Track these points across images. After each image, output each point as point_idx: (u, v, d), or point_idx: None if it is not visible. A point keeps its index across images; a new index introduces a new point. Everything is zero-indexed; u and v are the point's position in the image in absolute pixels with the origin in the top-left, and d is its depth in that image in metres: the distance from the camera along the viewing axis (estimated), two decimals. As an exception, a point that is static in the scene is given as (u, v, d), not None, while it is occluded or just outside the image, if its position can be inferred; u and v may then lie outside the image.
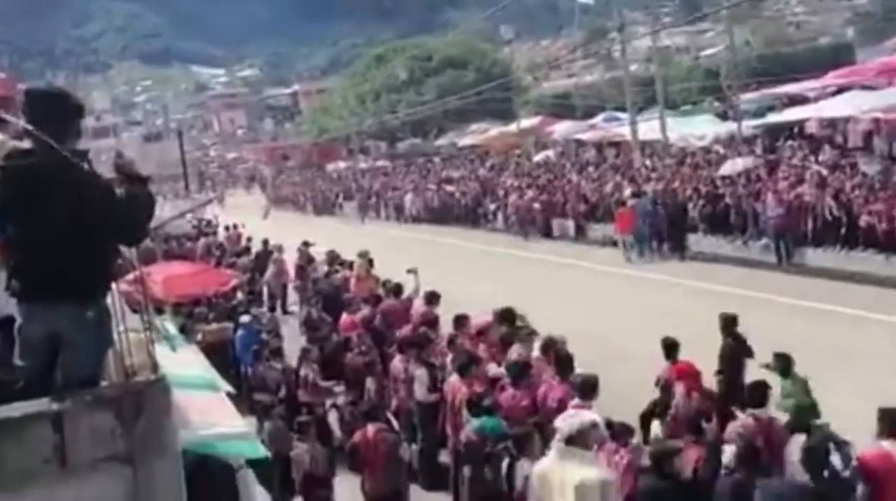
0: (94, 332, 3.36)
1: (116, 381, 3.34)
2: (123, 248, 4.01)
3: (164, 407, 3.06)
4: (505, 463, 7.71)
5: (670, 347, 9.49)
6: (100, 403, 2.95)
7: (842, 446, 6.96)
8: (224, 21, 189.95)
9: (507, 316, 11.24)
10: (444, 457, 10.88)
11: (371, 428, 9.00)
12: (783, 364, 9.05)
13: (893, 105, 23.92)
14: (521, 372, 9.25)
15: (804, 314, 15.97)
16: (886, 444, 6.63)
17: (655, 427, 7.95)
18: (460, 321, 11.58)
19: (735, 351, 10.00)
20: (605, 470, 6.68)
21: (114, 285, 3.65)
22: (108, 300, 3.61)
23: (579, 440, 6.55)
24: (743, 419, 7.86)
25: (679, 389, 8.75)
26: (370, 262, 18.03)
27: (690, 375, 9.10)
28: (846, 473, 6.85)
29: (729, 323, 10.30)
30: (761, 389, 7.88)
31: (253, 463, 7.30)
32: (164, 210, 22.42)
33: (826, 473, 6.52)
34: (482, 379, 9.61)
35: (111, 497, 2.93)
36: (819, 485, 6.16)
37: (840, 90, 27.61)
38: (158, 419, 3.03)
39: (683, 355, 9.47)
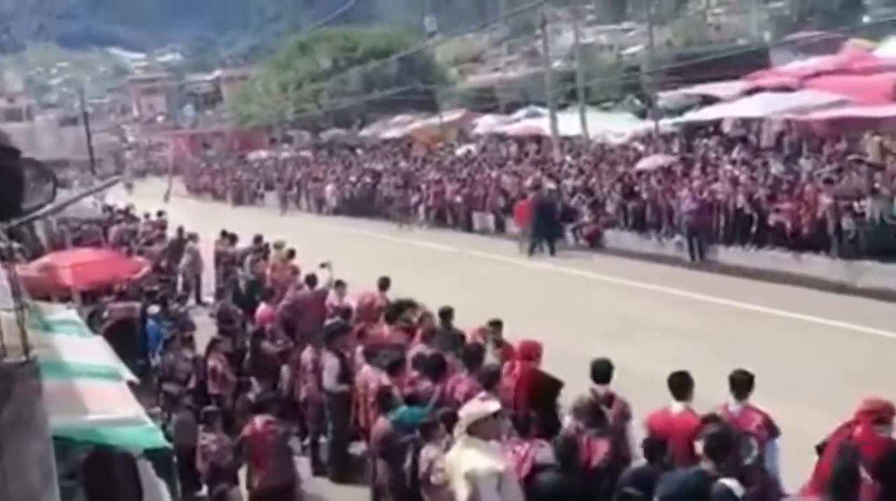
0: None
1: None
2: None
3: (34, 389, 2.95)
4: (410, 454, 7.73)
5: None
6: (-36, 385, 2.84)
7: (741, 438, 7.11)
8: (146, 4, 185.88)
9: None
10: (354, 449, 10.87)
11: (259, 421, 8.89)
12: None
13: (803, 107, 24.61)
14: (436, 368, 9.17)
15: (705, 309, 16.43)
16: (676, 406, 7.28)
17: None
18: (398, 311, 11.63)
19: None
20: (501, 461, 6.65)
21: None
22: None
23: (479, 430, 6.60)
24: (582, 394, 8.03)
25: None
26: (291, 253, 17.89)
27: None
28: (749, 460, 7.02)
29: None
30: (604, 366, 8.08)
31: (152, 454, 7.18)
32: (72, 195, 21.90)
33: (729, 460, 6.62)
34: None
35: (-24, 481, 2.82)
36: (722, 472, 6.25)
37: (753, 91, 28.32)
38: (28, 402, 2.92)
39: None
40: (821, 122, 24.80)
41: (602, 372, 8.05)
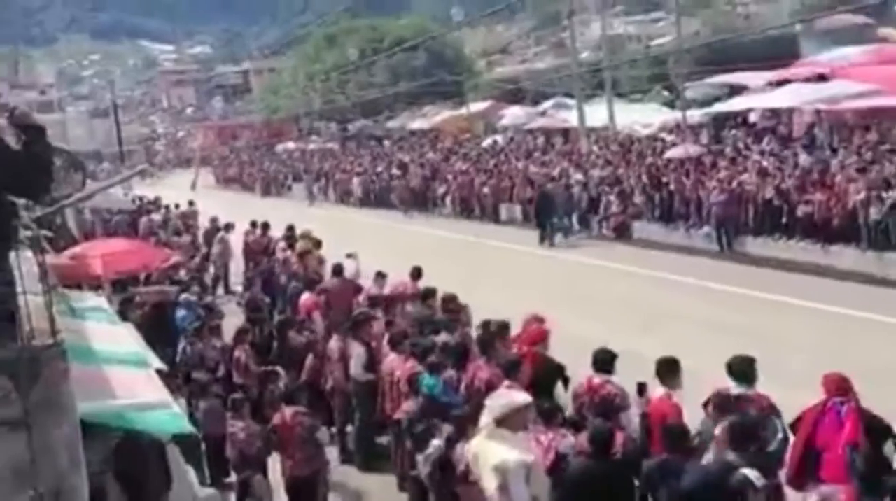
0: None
1: (13, 345, 3.27)
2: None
3: (62, 372, 3.00)
4: (442, 441, 7.74)
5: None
6: (-7, 367, 2.89)
7: (766, 420, 7.05)
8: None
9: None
10: (381, 438, 10.91)
11: (288, 411, 8.97)
12: None
13: (834, 97, 24.33)
14: (460, 356, 9.20)
15: (732, 300, 16.34)
16: (657, 391, 7.51)
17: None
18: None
19: None
20: (529, 452, 6.67)
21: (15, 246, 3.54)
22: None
23: (508, 421, 6.61)
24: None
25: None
26: (318, 243, 17.96)
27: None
28: (774, 446, 6.98)
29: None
30: (605, 355, 8.11)
31: (180, 440, 7.29)
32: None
33: (752, 448, 6.59)
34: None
35: (5, 461, 2.88)
36: (745, 462, 6.23)
37: (782, 81, 28.06)
38: (55, 384, 2.97)
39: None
40: (852, 113, 24.53)
41: (603, 360, 8.05)
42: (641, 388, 7.82)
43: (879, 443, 6.65)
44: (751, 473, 5.89)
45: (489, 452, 6.63)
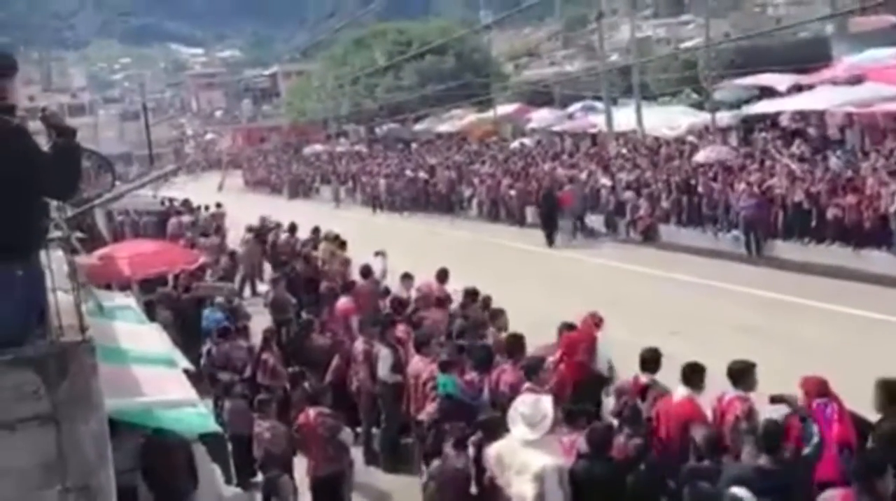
0: (22, 292, 3.30)
1: (42, 341, 3.30)
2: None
3: (90, 368, 3.03)
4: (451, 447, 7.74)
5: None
6: (22, 362, 2.93)
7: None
8: (204, 0, 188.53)
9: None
10: (407, 439, 10.91)
11: (312, 412, 9.03)
12: None
13: (865, 99, 24.07)
14: (483, 360, 9.21)
15: (761, 304, 16.19)
16: (680, 391, 7.53)
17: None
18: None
19: None
20: (561, 455, 6.75)
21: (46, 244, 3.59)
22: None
23: (542, 425, 6.64)
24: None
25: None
26: (342, 244, 18.01)
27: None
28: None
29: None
30: (652, 355, 8.16)
31: (207, 440, 7.34)
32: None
33: (785, 452, 6.53)
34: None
35: (34, 455, 2.91)
36: (777, 466, 6.17)
37: (813, 84, 27.80)
38: (84, 379, 3.00)
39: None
40: (884, 115, 24.25)
41: (651, 360, 8.06)
42: (644, 391, 7.83)
43: (866, 441, 6.63)
44: (740, 491, 5.83)
45: (526, 459, 6.67)
